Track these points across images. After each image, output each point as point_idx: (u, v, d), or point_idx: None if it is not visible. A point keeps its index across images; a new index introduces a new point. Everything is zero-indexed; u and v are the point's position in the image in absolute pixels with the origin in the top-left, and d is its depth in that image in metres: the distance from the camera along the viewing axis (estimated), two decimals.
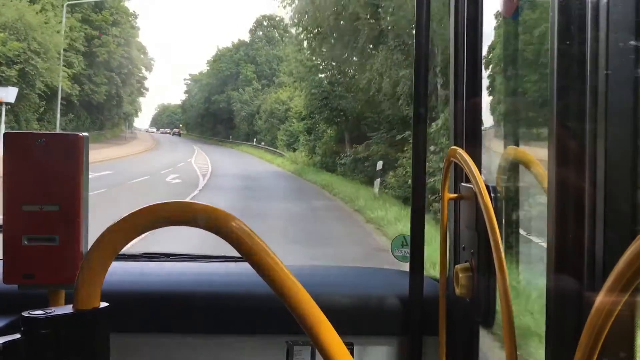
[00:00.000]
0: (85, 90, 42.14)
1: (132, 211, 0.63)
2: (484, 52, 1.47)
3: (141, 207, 0.63)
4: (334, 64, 25.41)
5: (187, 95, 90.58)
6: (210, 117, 73.05)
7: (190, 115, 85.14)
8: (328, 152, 27.52)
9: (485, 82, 1.47)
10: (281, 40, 66.54)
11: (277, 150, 40.79)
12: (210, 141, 66.65)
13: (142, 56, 63.57)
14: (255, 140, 52.86)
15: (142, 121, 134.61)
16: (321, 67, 26.06)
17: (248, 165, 31.45)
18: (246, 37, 71.60)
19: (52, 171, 1.18)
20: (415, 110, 1.48)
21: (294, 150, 36.33)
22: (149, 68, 68.84)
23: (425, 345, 1.51)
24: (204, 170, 25.39)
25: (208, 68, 76.47)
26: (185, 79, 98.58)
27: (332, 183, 19.67)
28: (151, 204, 0.64)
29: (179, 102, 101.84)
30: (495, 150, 1.55)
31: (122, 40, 44.67)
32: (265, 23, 67.69)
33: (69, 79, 38.47)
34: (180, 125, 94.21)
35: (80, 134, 1.21)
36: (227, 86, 65.53)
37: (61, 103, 40.30)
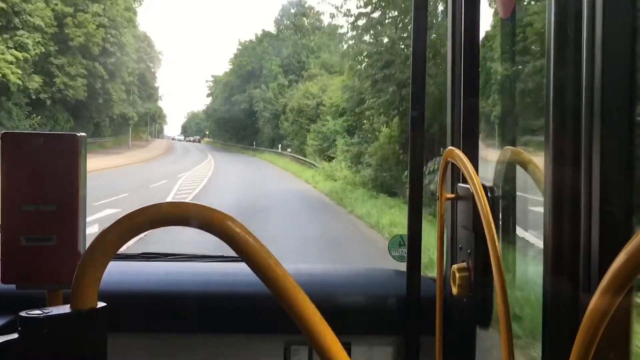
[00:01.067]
0: (56, 84, 29.55)
1: (130, 212, 0.67)
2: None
3: (138, 208, 0.68)
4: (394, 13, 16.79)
5: (210, 99, 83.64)
6: (233, 121, 68.09)
7: (214, 121, 79.10)
8: (386, 163, 18.27)
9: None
10: (312, 30, 61.15)
11: (307, 160, 28.16)
12: (233, 149, 64.47)
13: (148, 49, 51.80)
14: (280, 146, 47.15)
15: (175, 130, 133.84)
16: (374, 19, 13.05)
17: (262, 183, 24.51)
18: (272, 29, 67.87)
19: (49, 171, 1.25)
20: (412, 112, 1.59)
21: (329, 159, 28.74)
22: (154, 63, 57.21)
23: (422, 344, 1.61)
24: (182, 197, 17.97)
25: (230, 66, 72.73)
26: (207, 81, 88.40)
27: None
28: (149, 204, 0.68)
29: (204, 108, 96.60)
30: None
31: (105, 21, 31.85)
32: (293, 10, 55.59)
33: (19, 66, 25.86)
34: (207, 133, 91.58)
35: (78, 134, 1.28)
36: (249, 84, 54.22)
37: (22, 100, 27.36)
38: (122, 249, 0.69)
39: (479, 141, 1.54)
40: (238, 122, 65.38)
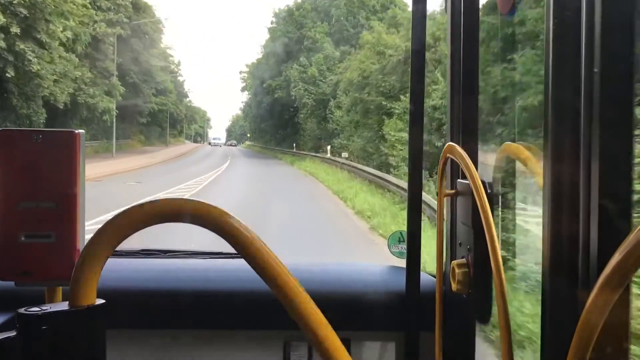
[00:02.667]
0: None
1: (128, 207, 0.67)
2: None
3: (137, 204, 0.67)
4: None
5: (245, 94, 69.42)
6: (269, 117, 51.75)
7: (252, 119, 65.56)
8: None
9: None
10: None
11: (394, 182, 5.43)
12: (269, 153, 50.00)
13: (133, 11, 34.50)
14: (329, 148, 28.48)
15: (221, 134, 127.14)
16: None
17: None
18: None
19: (48, 168, 1.24)
20: (411, 109, 1.59)
21: None
22: (152, 33, 39.97)
23: (421, 340, 1.59)
24: None
25: (264, 49, 55.96)
26: (241, 72, 71.22)
27: None
28: (147, 200, 0.68)
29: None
30: None
31: None
32: None
33: None
34: (248, 135, 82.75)
35: (76, 131, 1.27)
36: (285, 64, 34.62)
37: None
38: (122, 246, 0.69)
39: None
40: (274, 117, 49.69)
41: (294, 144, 42.21)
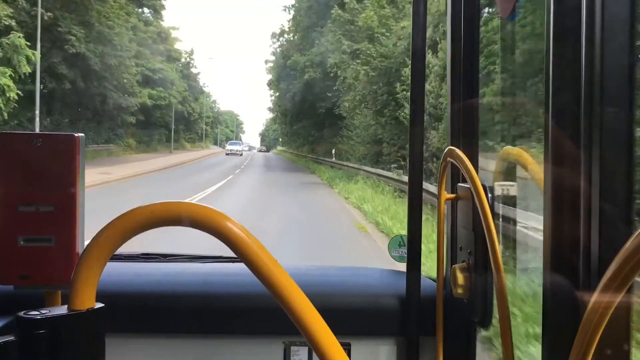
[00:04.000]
0: None
1: (128, 211, 0.67)
2: None
3: (136, 207, 0.68)
4: None
5: (271, 87, 55.67)
6: (299, 111, 37.71)
7: (280, 119, 54.88)
8: None
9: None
10: None
11: None
12: (300, 162, 38.10)
13: None
14: (402, 161, 15.82)
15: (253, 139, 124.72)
16: None
17: None
18: None
19: (47, 172, 1.25)
20: (411, 110, 1.58)
21: None
22: None
23: (422, 345, 1.59)
24: None
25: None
26: (267, 61, 58.09)
27: None
28: (147, 204, 0.68)
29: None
30: None
31: None
32: None
33: None
34: (280, 140, 78.54)
35: (76, 134, 1.27)
36: (321, 28, 16.81)
37: None
38: (121, 249, 0.70)
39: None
40: (304, 110, 35.93)
41: (333, 151, 27.77)
